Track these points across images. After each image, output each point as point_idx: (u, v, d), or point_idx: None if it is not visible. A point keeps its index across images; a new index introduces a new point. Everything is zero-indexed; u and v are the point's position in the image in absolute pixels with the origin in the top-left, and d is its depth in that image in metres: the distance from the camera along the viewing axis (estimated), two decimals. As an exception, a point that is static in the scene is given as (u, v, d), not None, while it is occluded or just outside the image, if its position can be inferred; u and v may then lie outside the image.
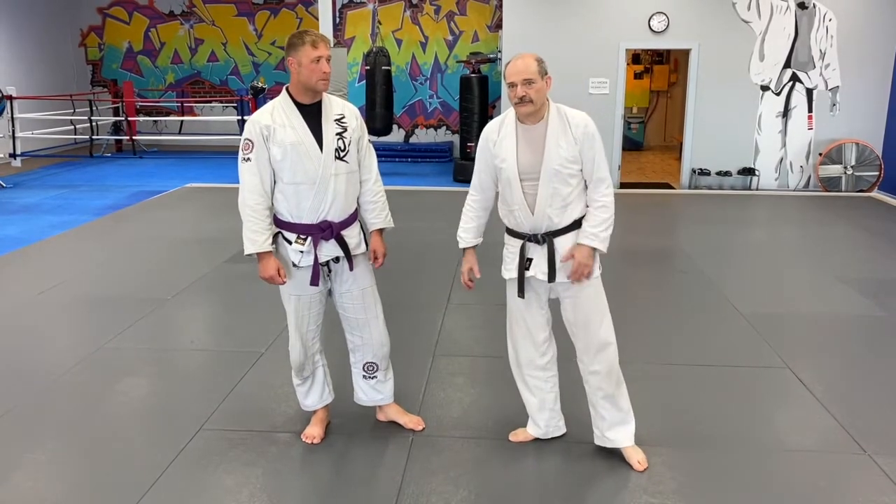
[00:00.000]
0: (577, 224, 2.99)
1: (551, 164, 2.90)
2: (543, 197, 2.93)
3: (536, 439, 3.35)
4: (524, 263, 3.04)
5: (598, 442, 3.23)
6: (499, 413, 3.64)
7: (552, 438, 3.35)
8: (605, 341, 3.08)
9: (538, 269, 3.02)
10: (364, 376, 3.39)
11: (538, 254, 3.01)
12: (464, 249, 3.24)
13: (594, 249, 2.96)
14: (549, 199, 2.94)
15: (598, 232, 2.95)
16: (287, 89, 3.05)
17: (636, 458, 3.16)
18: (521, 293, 3.08)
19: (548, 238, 2.98)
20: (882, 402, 3.76)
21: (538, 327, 3.17)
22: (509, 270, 3.13)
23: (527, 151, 2.94)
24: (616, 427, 3.18)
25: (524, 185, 2.96)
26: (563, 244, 2.98)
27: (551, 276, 2.99)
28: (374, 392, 3.43)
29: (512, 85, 2.88)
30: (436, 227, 7.69)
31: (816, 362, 4.26)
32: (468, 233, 3.21)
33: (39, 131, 12.00)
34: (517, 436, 3.38)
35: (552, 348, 3.24)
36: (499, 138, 3.01)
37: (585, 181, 2.99)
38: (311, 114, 3.01)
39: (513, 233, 3.10)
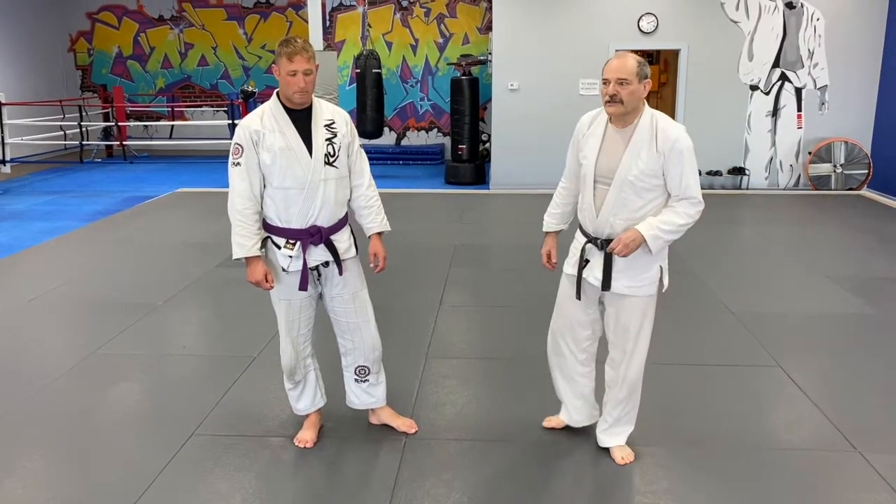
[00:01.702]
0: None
1: (625, 172, 2.81)
2: (610, 203, 2.86)
3: (567, 427, 3.42)
4: (582, 263, 3.01)
5: (598, 441, 3.29)
6: (492, 415, 3.64)
7: (577, 429, 3.40)
8: (637, 354, 3.07)
9: (592, 274, 2.98)
10: (356, 380, 3.39)
11: (595, 258, 2.97)
12: (546, 233, 3.25)
13: (644, 242, 2.81)
14: (616, 207, 2.86)
15: (658, 225, 2.80)
16: (277, 94, 3.05)
17: (620, 454, 3.21)
18: (578, 295, 3.04)
19: (606, 245, 2.90)
20: (872, 400, 3.79)
21: (582, 326, 3.15)
22: (569, 265, 3.11)
23: (608, 153, 2.87)
24: (611, 430, 3.24)
25: (597, 187, 2.90)
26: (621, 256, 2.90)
27: (605, 284, 2.93)
28: (366, 395, 3.43)
29: (606, 82, 2.80)
30: (428, 229, 7.70)
31: (807, 361, 4.28)
32: (553, 218, 3.22)
33: (29, 137, 11.94)
34: (550, 422, 3.45)
35: (593, 347, 3.22)
36: (588, 132, 2.97)
37: (670, 195, 2.87)
38: (301, 119, 3.01)
39: (581, 230, 3.05)
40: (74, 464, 3.26)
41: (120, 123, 12.67)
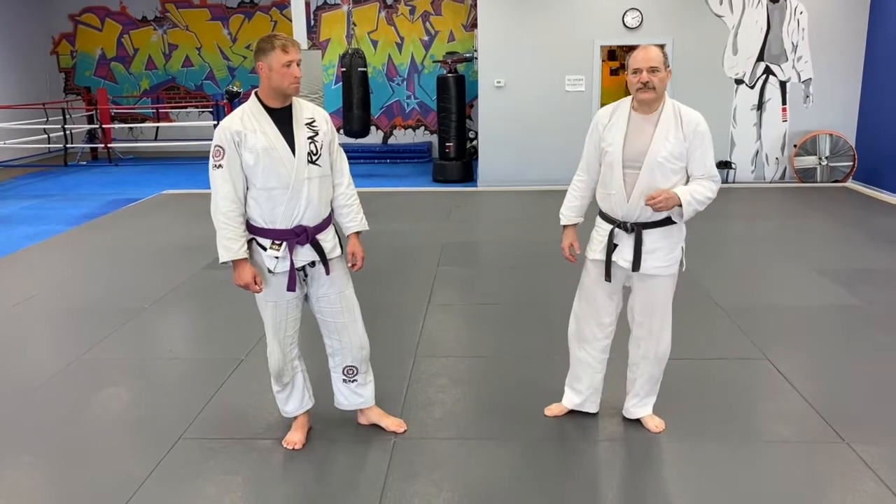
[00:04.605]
0: (668, 220, 3.07)
1: (656, 155, 2.98)
2: (642, 186, 3.01)
3: (571, 411, 3.54)
4: (611, 248, 3.14)
5: (626, 415, 3.48)
6: (481, 414, 3.64)
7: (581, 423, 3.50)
8: (665, 330, 3.28)
9: (621, 256, 3.13)
10: (344, 380, 3.37)
11: (624, 241, 3.12)
12: (564, 226, 3.35)
13: (679, 204, 2.98)
14: (647, 189, 3.00)
15: (692, 192, 2.98)
16: (256, 94, 3.02)
17: (653, 423, 3.42)
18: (607, 277, 3.19)
19: (637, 228, 3.06)
20: (859, 391, 3.80)
21: (606, 310, 3.31)
22: (594, 252, 3.24)
23: (635, 139, 3.03)
24: (641, 403, 3.42)
25: (626, 172, 3.04)
26: (651, 238, 3.08)
27: (635, 265, 3.09)
28: (354, 396, 3.41)
29: (636, 71, 2.97)
30: (416, 227, 7.69)
31: (795, 353, 4.30)
32: (571, 210, 3.33)
33: (12, 141, 11.84)
34: (552, 410, 3.56)
35: (612, 334, 3.40)
36: (610, 123, 3.12)
37: (689, 178, 3.06)
38: (282, 118, 2.99)
39: (605, 217, 3.19)
40: (60, 470, 3.23)
41: (104, 126, 12.57)
